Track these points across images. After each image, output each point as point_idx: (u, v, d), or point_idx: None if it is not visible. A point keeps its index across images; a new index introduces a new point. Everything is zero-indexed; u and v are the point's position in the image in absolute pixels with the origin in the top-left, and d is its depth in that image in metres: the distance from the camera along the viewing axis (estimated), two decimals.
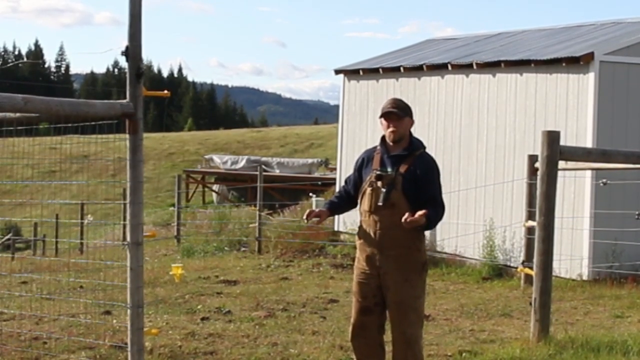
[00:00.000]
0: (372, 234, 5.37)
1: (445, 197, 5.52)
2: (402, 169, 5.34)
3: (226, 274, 12.89)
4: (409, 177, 5.31)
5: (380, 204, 5.30)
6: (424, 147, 5.52)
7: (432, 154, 5.64)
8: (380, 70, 16.71)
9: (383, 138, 5.51)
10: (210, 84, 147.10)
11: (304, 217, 5.58)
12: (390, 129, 5.42)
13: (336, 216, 17.83)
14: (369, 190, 5.40)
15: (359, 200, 5.52)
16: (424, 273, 5.43)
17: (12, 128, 5.97)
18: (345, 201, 5.70)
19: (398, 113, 5.41)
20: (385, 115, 5.44)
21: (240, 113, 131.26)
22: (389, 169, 5.35)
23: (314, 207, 22.55)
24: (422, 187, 5.30)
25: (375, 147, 5.55)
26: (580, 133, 12.71)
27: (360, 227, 5.50)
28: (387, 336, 5.60)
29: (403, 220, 5.12)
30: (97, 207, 34.58)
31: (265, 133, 70.00)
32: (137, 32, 5.11)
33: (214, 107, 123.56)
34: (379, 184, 5.34)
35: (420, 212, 5.14)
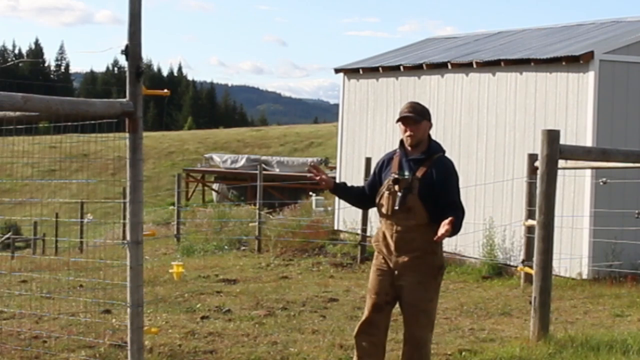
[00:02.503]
0: (389, 237, 5.40)
1: None
2: (420, 172, 5.32)
3: (226, 273, 12.89)
4: (425, 182, 5.29)
5: (396, 207, 5.31)
6: (443, 151, 5.48)
7: None
8: (380, 69, 16.71)
9: (402, 141, 5.50)
10: (210, 82, 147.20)
11: (309, 167, 5.58)
12: (408, 133, 5.41)
13: (336, 216, 17.84)
14: (386, 194, 5.40)
15: (377, 203, 5.52)
16: (439, 277, 5.42)
17: (12, 127, 5.96)
18: (356, 193, 5.69)
19: (415, 117, 5.40)
20: (402, 119, 5.44)
21: (240, 112, 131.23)
22: (407, 173, 5.35)
23: (314, 206, 22.74)
24: (439, 192, 5.28)
25: (395, 150, 5.54)
26: (580, 132, 12.71)
27: (378, 229, 5.55)
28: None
29: (435, 239, 5.11)
30: (97, 206, 34.61)
31: (265, 132, 70.04)
32: (137, 31, 5.10)
33: (213, 106, 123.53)
34: (396, 187, 5.34)
35: (446, 223, 5.08)
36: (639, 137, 12.74)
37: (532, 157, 10.77)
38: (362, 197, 5.64)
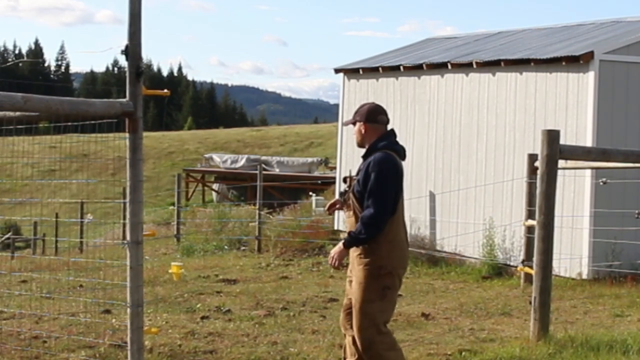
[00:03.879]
0: None
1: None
2: (357, 171, 5.48)
3: (226, 273, 12.90)
4: (358, 180, 5.39)
5: (342, 206, 5.53)
6: (383, 150, 5.36)
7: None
8: (380, 69, 16.70)
9: None
10: (210, 82, 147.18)
11: (326, 209, 5.79)
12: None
13: (336, 216, 17.84)
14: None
15: None
16: (383, 278, 5.29)
17: (12, 127, 5.96)
18: None
19: (348, 120, 5.60)
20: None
21: (240, 112, 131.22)
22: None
23: (314, 206, 22.75)
24: (364, 190, 5.32)
25: None
26: (580, 132, 12.71)
27: None
28: None
29: (329, 263, 5.48)
30: (97, 206, 34.61)
31: (265, 132, 70.05)
32: (137, 31, 5.10)
33: (213, 106, 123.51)
34: (344, 186, 5.57)
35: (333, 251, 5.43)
36: (639, 137, 12.74)
37: (532, 157, 10.78)
38: None
